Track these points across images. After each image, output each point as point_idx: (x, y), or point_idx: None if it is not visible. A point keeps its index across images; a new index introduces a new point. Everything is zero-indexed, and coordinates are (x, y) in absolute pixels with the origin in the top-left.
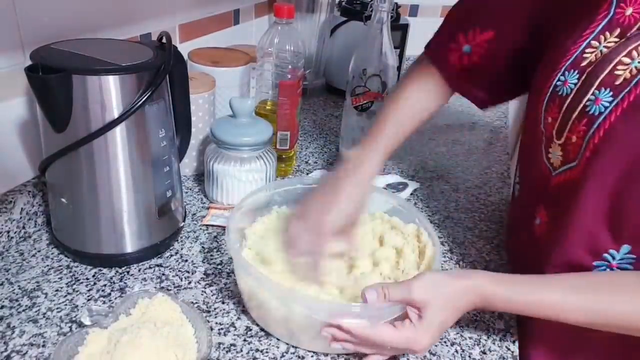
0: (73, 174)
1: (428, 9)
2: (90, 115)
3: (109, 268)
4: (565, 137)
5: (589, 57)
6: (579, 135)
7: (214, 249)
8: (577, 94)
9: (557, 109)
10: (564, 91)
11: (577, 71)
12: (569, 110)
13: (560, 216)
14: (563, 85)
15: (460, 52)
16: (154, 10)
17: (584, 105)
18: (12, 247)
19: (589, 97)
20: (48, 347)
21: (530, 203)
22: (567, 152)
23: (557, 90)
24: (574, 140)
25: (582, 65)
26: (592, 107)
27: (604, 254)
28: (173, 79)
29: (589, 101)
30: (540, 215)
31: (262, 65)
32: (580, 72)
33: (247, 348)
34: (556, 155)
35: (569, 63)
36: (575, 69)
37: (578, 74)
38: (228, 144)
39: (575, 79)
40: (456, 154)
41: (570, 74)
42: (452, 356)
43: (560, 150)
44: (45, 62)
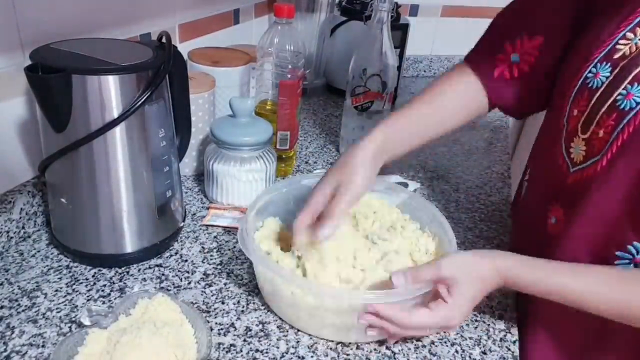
0: (73, 174)
1: (428, 9)
2: (89, 115)
3: (108, 268)
4: (591, 132)
5: (622, 49)
6: (606, 130)
7: (214, 249)
8: (608, 87)
9: (585, 102)
10: (595, 84)
11: (610, 64)
12: (598, 103)
13: (578, 214)
14: (594, 78)
15: (508, 63)
16: (154, 10)
17: (615, 100)
18: (11, 247)
19: (621, 91)
20: (48, 348)
21: (544, 202)
22: (592, 146)
23: (587, 82)
24: (601, 134)
25: (615, 57)
26: (623, 102)
27: (628, 246)
28: (173, 79)
29: (620, 95)
30: (555, 214)
31: (262, 65)
32: (613, 65)
33: (247, 348)
34: (579, 149)
35: (603, 55)
36: (608, 61)
37: (611, 66)
38: (228, 144)
39: (607, 72)
40: (456, 154)
41: (603, 66)
42: (453, 356)
43: (584, 144)
44: (45, 61)
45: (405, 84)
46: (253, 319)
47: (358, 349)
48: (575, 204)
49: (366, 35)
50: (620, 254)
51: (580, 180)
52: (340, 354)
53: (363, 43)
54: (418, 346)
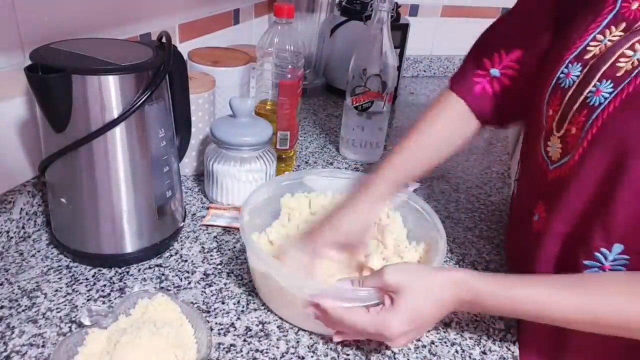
0: (73, 174)
1: (428, 9)
2: (89, 115)
3: (108, 268)
4: (565, 129)
5: (593, 50)
6: (578, 127)
7: (214, 249)
8: (579, 85)
9: (558, 102)
10: (567, 83)
11: (581, 64)
12: (570, 102)
13: (556, 211)
14: (566, 78)
15: (488, 78)
16: (154, 10)
17: (585, 97)
18: (11, 247)
19: (591, 88)
20: (48, 348)
21: (530, 199)
22: (566, 144)
23: (559, 82)
24: (574, 131)
25: (585, 58)
26: (593, 99)
27: (595, 253)
28: (173, 78)
29: (590, 93)
30: (538, 211)
31: (262, 65)
32: (584, 64)
33: (247, 348)
34: (555, 147)
35: (573, 56)
36: (579, 61)
37: (581, 66)
38: (228, 144)
39: (578, 71)
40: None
41: (574, 66)
42: (452, 356)
43: (559, 142)
44: (45, 61)
45: (405, 84)
46: (253, 319)
47: (358, 349)
48: (553, 201)
49: (366, 35)
50: (589, 262)
51: (559, 177)
52: (341, 354)
53: (363, 43)
54: (418, 346)
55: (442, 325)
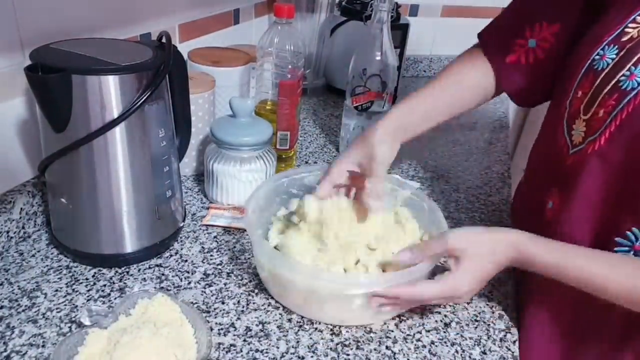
0: (73, 174)
1: (428, 9)
2: (89, 115)
3: (108, 268)
4: (592, 112)
5: (631, 32)
6: (606, 110)
7: (214, 249)
8: (613, 68)
9: (589, 84)
10: (600, 65)
11: (617, 46)
12: (602, 84)
13: (576, 195)
14: (601, 60)
15: (526, 48)
16: (154, 10)
17: (618, 80)
18: (11, 247)
19: (624, 72)
20: (48, 348)
21: (542, 187)
22: (591, 127)
23: (593, 64)
24: (601, 114)
25: (622, 40)
26: (626, 83)
27: (627, 232)
28: (173, 78)
29: (623, 76)
30: (552, 198)
31: (262, 65)
32: (620, 47)
33: (247, 348)
34: (579, 131)
35: (612, 38)
36: (616, 44)
37: (618, 49)
38: (228, 144)
39: (614, 54)
40: (456, 154)
41: (610, 48)
42: (452, 356)
43: (584, 125)
44: (45, 61)
45: (405, 84)
46: (253, 319)
47: (358, 349)
48: (571, 186)
49: (366, 35)
50: (620, 240)
51: (578, 161)
52: (341, 354)
53: (363, 43)
54: (418, 346)
55: (442, 325)
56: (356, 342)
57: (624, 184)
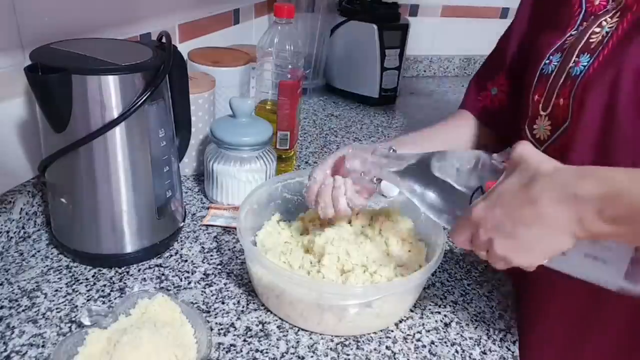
0: (73, 174)
1: (428, 9)
2: (89, 115)
3: (108, 268)
4: (552, 105)
5: (569, 41)
6: (564, 96)
7: (214, 249)
8: (560, 66)
9: (543, 87)
10: (549, 69)
11: (560, 52)
12: (554, 81)
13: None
14: (548, 65)
15: (490, 96)
16: (154, 10)
17: (567, 73)
18: (11, 247)
19: (571, 64)
20: (47, 348)
21: None
22: (556, 118)
23: (543, 71)
24: (561, 102)
25: (563, 47)
26: (574, 69)
27: None
28: (173, 78)
29: (570, 68)
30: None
31: (262, 65)
32: (562, 51)
33: (247, 348)
34: (543, 127)
35: (553, 50)
36: (559, 51)
37: (561, 53)
38: (228, 144)
39: (558, 57)
40: None
41: (554, 56)
42: (452, 356)
43: (547, 120)
44: (45, 61)
45: (405, 84)
46: (253, 319)
47: (358, 349)
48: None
49: None
50: None
51: (557, 153)
52: (341, 354)
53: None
54: (418, 346)
55: (442, 325)
56: (356, 342)
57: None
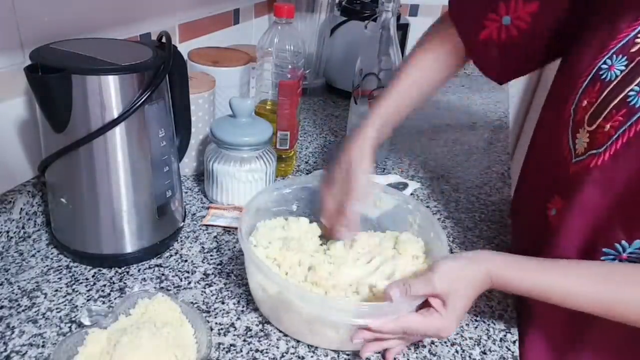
0: (73, 174)
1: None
2: (89, 115)
3: (108, 268)
4: (597, 125)
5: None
6: (613, 125)
7: (214, 249)
8: (621, 81)
9: (596, 94)
10: (609, 76)
11: (626, 57)
12: (609, 96)
13: (575, 205)
14: (608, 70)
15: (498, 24)
16: (154, 10)
17: (626, 95)
18: (11, 247)
19: (634, 87)
20: (47, 348)
21: (544, 192)
22: (594, 139)
23: (600, 73)
24: (607, 129)
25: (631, 51)
26: (635, 99)
27: (616, 244)
28: (173, 78)
29: (632, 91)
30: (555, 205)
31: (262, 65)
32: (630, 59)
33: (247, 348)
34: (582, 141)
35: (619, 47)
36: (624, 54)
37: (627, 60)
38: (228, 144)
39: (622, 65)
40: (456, 154)
41: (618, 59)
42: (452, 356)
43: (587, 137)
44: (45, 61)
45: None
46: (253, 319)
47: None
48: (573, 195)
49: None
50: (607, 250)
51: (579, 171)
52: (341, 354)
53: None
54: (418, 346)
55: None
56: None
57: (621, 200)
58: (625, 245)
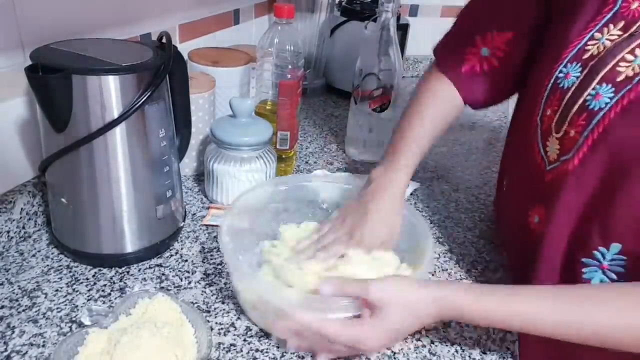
0: (73, 174)
1: (428, 9)
2: (90, 115)
3: (108, 268)
4: (564, 131)
5: (591, 49)
6: (577, 130)
7: (214, 249)
8: (578, 87)
9: (557, 102)
10: (566, 84)
11: (580, 64)
12: (569, 103)
13: (555, 213)
14: (565, 78)
15: (479, 56)
16: (154, 10)
17: (584, 100)
18: (12, 247)
19: (590, 91)
20: (48, 347)
21: (524, 200)
22: (564, 145)
23: (558, 82)
24: (572, 134)
25: (584, 57)
26: (592, 102)
27: (594, 251)
28: (173, 78)
29: (589, 96)
30: (538, 213)
31: (262, 65)
32: (583, 65)
33: (247, 348)
34: (553, 149)
35: (572, 55)
36: (578, 61)
37: (581, 67)
38: (228, 144)
39: (577, 72)
40: (456, 154)
41: (573, 66)
42: (452, 356)
43: (557, 144)
44: (45, 62)
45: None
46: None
47: None
48: (553, 203)
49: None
50: (587, 260)
51: (556, 178)
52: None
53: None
54: (418, 346)
55: (442, 325)
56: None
57: (594, 203)
58: (603, 251)
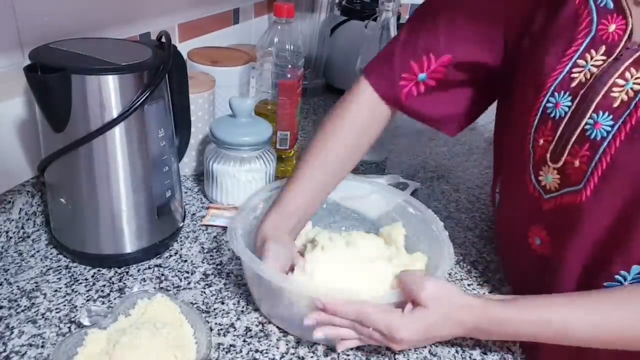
0: (72, 174)
1: None
2: (89, 115)
3: (108, 268)
4: (564, 161)
5: (577, 77)
6: (582, 160)
7: (214, 249)
8: (572, 117)
9: (550, 132)
10: (557, 114)
11: (569, 93)
12: (566, 133)
13: (565, 238)
14: (555, 108)
15: (414, 81)
16: (154, 9)
17: (583, 129)
18: (10, 247)
19: (587, 120)
20: (47, 348)
21: (521, 222)
22: (567, 175)
23: (548, 112)
24: (577, 165)
25: (572, 86)
26: (593, 132)
27: (616, 276)
28: (172, 78)
29: (587, 125)
30: (538, 235)
31: (262, 64)
32: (572, 94)
33: (247, 348)
34: (551, 178)
35: (557, 84)
36: (566, 90)
37: (570, 95)
38: (228, 144)
39: (568, 101)
40: (456, 154)
41: (561, 95)
42: (452, 356)
43: (556, 173)
44: (44, 61)
45: None
46: (253, 319)
47: (358, 349)
48: (561, 230)
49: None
50: (610, 284)
51: (561, 206)
52: (341, 355)
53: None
54: (418, 346)
55: None
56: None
57: (614, 230)
58: (625, 274)
